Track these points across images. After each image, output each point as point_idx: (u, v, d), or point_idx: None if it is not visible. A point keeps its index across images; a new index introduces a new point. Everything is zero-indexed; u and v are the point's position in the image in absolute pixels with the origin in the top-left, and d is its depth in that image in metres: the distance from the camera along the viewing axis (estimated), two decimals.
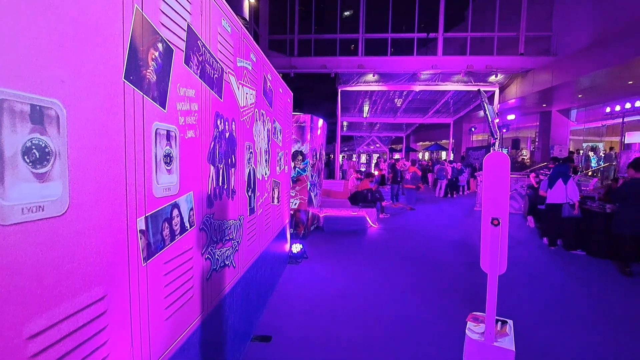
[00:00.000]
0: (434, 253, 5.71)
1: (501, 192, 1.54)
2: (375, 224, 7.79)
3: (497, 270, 1.61)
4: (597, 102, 12.99)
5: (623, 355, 2.81)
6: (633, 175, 4.56)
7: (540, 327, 3.26)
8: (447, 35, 13.13)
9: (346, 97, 15.90)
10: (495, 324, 1.73)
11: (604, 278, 4.56)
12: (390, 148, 28.15)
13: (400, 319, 3.37)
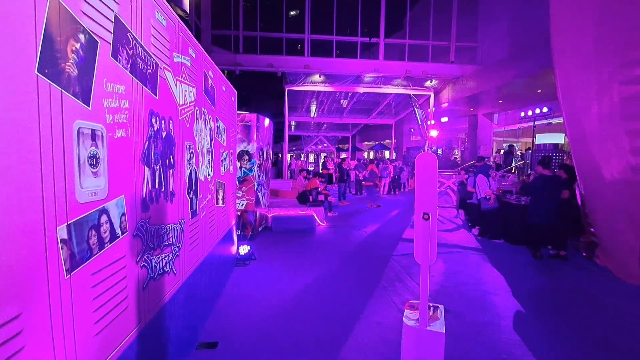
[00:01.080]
0: (380, 247, 5.99)
1: (430, 189, 1.68)
2: (323, 222, 7.93)
3: (428, 261, 1.76)
4: (514, 107, 14.74)
5: (534, 327, 3.23)
6: (541, 172, 5.27)
7: (468, 307, 3.62)
8: (388, 41, 13.85)
9: (293, 96, 15.93)
10: (428, 310, 1.89)
11: (519, 262, 5.20)
12: (337, 147, 28.81)
13: (350, 313, 3.48)
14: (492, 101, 14.02)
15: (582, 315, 3.51)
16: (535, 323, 3.33)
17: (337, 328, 3.16)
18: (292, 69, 13.75)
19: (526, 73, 10.06)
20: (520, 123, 14.85)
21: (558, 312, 3.60)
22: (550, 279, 4.55)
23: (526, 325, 3.30)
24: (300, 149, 29.80)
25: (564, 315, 3.52)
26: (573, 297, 3.99)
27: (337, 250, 5.86)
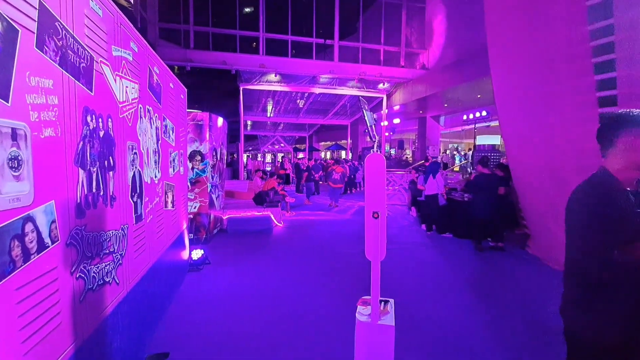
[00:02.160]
0: (337, 246, 6.09)
1: (379, 188, 1.75)
2: (280, 223, 7.87)
3: (378, 257, 1.83)
4: (458, 111, 15.86)
5: (476, 312, 3.51)
6: (481, 171, 5.73)
7: (417, 298, 3.82)
8: (342, 43, 14.13)
9: (249, 95, 15.62)
10: (379, 304, 1.96)
11: (463, 254, 5.61)
12: (295, 147, 28.78)
13: (308, 313, 3.50)
14: (439, 104, 14.96)
15: (516, 299, 3.88)
16: (476, 309, 3.62)
17: (298, 331, 3.16)
18: (246, 67, 13.47)
19: (467, 79, 10.88)
20: (463, 125, 16.04)
21: (496, 297, 3.94)
22: (489, 268, 4.96)
23: (467, 311, 3.56)
24: (257, 149, 29.29)
25: (501, 299, 3.86)
26: (508, 283, 4.40)
27: (294, 250, 5.86)
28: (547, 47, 4.48)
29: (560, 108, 4.40)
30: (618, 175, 1.35)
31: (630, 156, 1.32)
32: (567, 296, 1.46)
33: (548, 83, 4.53)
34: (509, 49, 5.21)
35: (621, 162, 1.34)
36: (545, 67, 4.55)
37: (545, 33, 4.46)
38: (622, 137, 1.32)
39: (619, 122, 1.34)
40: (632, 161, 1.32)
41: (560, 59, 4.33)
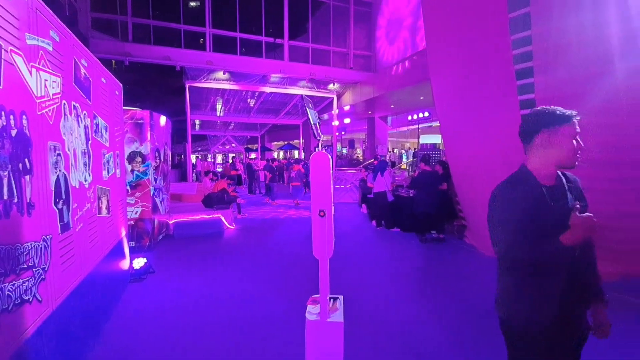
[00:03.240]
0: (292, 247, 6.06)
1: (325, 187, 1.78)
2: (232, 225, 7.64)
3: (326, 256, 1.85)
4: (403, 112, 16.72)
5: (419, 301, 3.72)
6: (423, 168, 6.10)
7: (366, 292, 3.95)
8: (292, 43, 14.11)
9: (196, 93, 14.92)
10: (328, 302, 1.99)
11: (409, 247, 5.92)
12: (246, 148, 28.14)
13: (261, 318, 3.42)
14: (386, 105, 15.62)
15: (455, 286, 4.19)
16: (419, 297, 3.84)
17: (250, 337, 3.08)
18: (193, 63, 12.85)
19: (410, 83, 11.51)
20: (408, 125, 16.95)
21: (437, 285, 4.22)
22: (432, 258, 5.30)
23: (411, 300, 3.77)
24: (207, 150, 28.14)
25: (442, 287, 4.15)
26: (448, 271, 4.73)
27: (247, 253, 5.72)
28: (479, 54, 4.90)
29: (490, 109, 4.83)
30: (537, 172, 1.40)
31: (546, 153, 1.38)
32: (500, 288, 1.51)
33: (480, 87, 4.96)
34: (446, 55, 5.60)
35: (539, 159, 1.40)
36: (478, 73, 4.97)
37: (478, 41, 4.88)
38: (538, 134, 1.39)
39: (535, 120, 1.41)
40: (549, 157, 1.38)
41: (490, 65, 4.76)
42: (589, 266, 1.43)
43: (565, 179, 1.45)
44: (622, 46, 3.54)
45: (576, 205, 1.31)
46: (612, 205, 3.81)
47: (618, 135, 3.68)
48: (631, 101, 3.55)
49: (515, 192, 1.37)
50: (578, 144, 1.36)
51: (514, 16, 4.34)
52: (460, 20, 5.09)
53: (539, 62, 4.19)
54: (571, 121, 1.36)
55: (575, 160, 1.37)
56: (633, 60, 3.50)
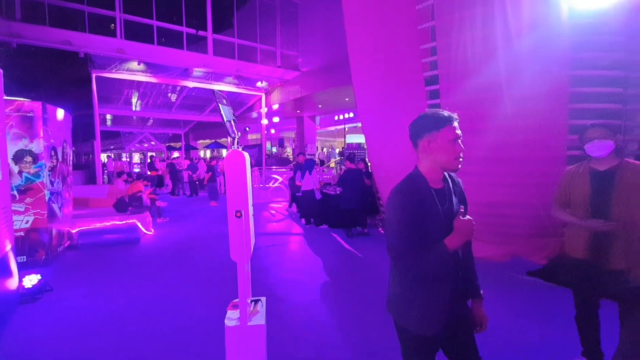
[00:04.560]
0: (220, 250, 5.79)
1: (241, 186, 1.75)
2: (151, 231, 7.03)
3: (244, 258, 1.82)
4: (331, 112, 17.28)
5: (344, 294, 3.91)
6: (348, 166, 6.41)
7: (292, 291, 4.01)
8: (217, 36, 13.48)
9: (106, 85, 13.32)
10: (249, 305, 1.96)
11: (336, 242, 6.17)
12: (169, 146, 26.08)
13: (180, 329, 3.21)
14: (314, 105, 15.95)
15: (377, 277, 4.49)
16: (344, 292, 4.04)
17: (167, 353, 2.87)
18: (100, 51, 11.42)
19: (336, 84, 11.95)
20: (335, 125, 17.58)
21: (360, 276, 4.48)
22: (357, 251, 5.59)
23: (336, 296, 3.94)
24: (121, 148, 25.31)
25: (364, 278, 4.41)
26: (371, 263, 5.06)
27: (166, 260, 5.32)
28: (395, 60, 5.30)
29: (405, 112, 5.28)
30: (427, 174, 1.42)
31: (431, 156, 1.41)
32: (392, 292, 1.52)
33: (396, 91, 5.38)
34: (365, 60, 5.94)
35: (426, 162, 1.43)
36: (394, 77, 5.39)
37: (394, 48, 5.27)
38: (422, 139, 1.42)
39: (419, 125, 1.44)
40: (433, 161, 1.41)
41: (404, 71, 5.20)
42: (469, 265, 1.55)
43: (451, 182, 1.51)
44: (504, 55, 4.17)
45: (460, 209, 1.40)
46: (503, 196, 4.48)
47: (504, 136, 4.33)
48: (515, 107, 4.22)
49: (407, 196, 1.37)
50: (459, 146, 1.40)
51: (422, 28, 4.81)
52: (378, 28, 5.45)
53: (443, 70, 4.71)
54: (450, 125, 1.38)
55: (457, 163, 1.40)
56: (515, 87, 4.13)
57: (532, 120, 4.09)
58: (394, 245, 1.40)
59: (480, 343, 1.54)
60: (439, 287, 1.40)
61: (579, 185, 2.26)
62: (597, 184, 2.17)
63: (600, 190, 2.15)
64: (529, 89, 4.06)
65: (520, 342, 2.84)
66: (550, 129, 3.98)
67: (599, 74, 4.09)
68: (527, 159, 4.22)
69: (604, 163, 2.17)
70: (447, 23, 4.55)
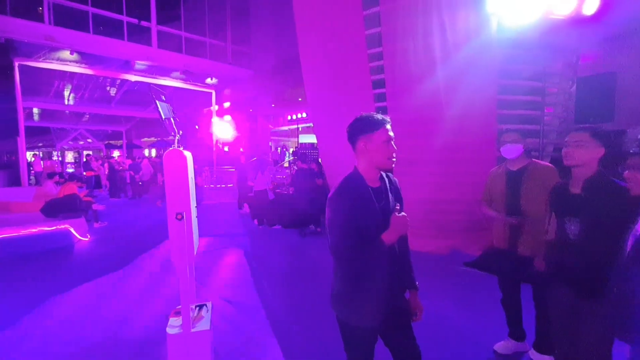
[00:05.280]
0: (159, 256, 5.49)
1: (182, 187, 1.69)
2: (86, 237, 6.44)
3: (186, 262, 1.76)
4: (284, 111, 17.18)
5: (297, 291, 3.93)
6: (300, 166, 6.45)
7: (246, 291, 3.95)
8: (162, 28, 12.71)
9: (32, 75, 11.88)
10: (193, 311, 1.90)
11: (290, 242, 6.18)
12: (108, 144, 24.04)
13: (119, 341, 3.00)
14: (267, 104, 15.75)
15: None
16: (299, 291, 4.07)
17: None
18: (25, 37, 10.16)
19: (289, 84, 11.93)
20: (289, 125, 17.52)
21: (313, 275, 4.54)
22: (311, 251, 5.65)
23: (287, 296, 3.96)
24: (52, 146, 22.78)
25: (323, 278, 4.48)
26: (326, 264, 5.13)
27: (105, 268, 4.92)
28: (344, 63, 5.45)
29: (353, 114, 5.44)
30: (364, 174, 1.50)
31: (367, 157, 1.48)
32: (334, 288, 1.58)
33: (345, 93, 5.53)
34: (317, 61, 6.03)
35: (363, 163, 1.51)
36: (343, 80, 5.53)
37: (343, 52, 5.41)
38: (358, 141, 1.49)
39: (354, 127, 1.51)
40: (369, 161, 1.49)
41: (353, 73, 5.36)
42: (405, 258, 1.67)
43: (388, 181, 1.59)
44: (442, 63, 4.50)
45: (396, 206, 1.50)
46: (443, 194, 4.83)
47: (443, 139, 4.67)
48: (451, 111, 4.57)
49: (346, 195, 1.44)
50: (392, 147, 1.48)
51: (369, 34, 5.01)
52: (327, 31, 5.55)
53: (389, 75, 4.95)
54: (384, 127, 1.48)
55: (391, 163, 1.49)
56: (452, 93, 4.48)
57: (466, 124, 4.47)
58: (335, 243, 1.44)
59: (423, 330, 1.66)
60: (377, 281, 1.48)
61: (497, 184, 2.56)
62: (510, 182, 2.47)
63: (512, 188, 2.45)
64: (464, 96, 4.43)
65: (458, 327, 3.09)
66: (482, 132, 4.38)
67: (523, 84, 4.60)
68: (462, 159, 4.60)
69: (516, 163, 2.48)
70: (392, 30, 4.79)
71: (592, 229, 1.75)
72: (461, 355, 2.71)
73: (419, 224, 5.09)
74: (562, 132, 4.78)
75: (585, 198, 1.80)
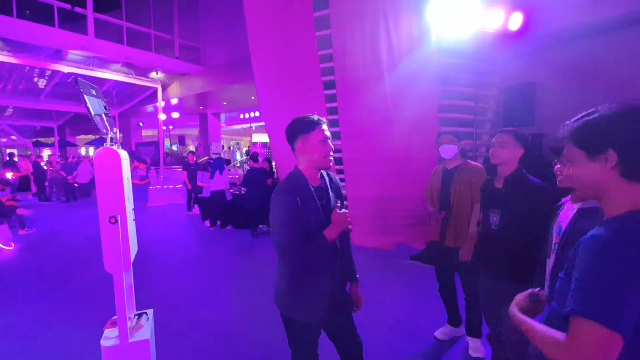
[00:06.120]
0: (97, 263, 5.06)
1: (116, 189, 1.59)
2: (10, 246, 5.74)
3: (122, 269, 1.67)
4: (236, 110, 16.77)
5: (249, 292, 3.87)
6: (252, 166, 6.35)
7: (193, 296, 3.82)
8: (99, 16, 11.70)
9: None
10: (131, 320, 1.81)
11: (242, 243, 6.06)
12: (36, 142, 21.54)
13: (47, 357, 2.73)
14: (218, 102, 15.22)
15: None
16: (251, 292, 4.01)
17: None
18: None
19: (240, 81, 11.64)
20: (241, 123, 17.14)
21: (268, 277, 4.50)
22: (263, 251, 5.59)
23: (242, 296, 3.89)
24: None
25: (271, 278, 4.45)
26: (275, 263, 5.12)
27: (32, 279, 4.44)
28: (295, 63, 5.46)
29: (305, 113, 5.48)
30: (305, 173, 1.55)
31: (305, 157, 1.54)
32: (278, 284, 1.63)
33: (296, 92, 5.55)
34: (267, 60, 5.97)
35: (303, 162, 1.56)
36: (294, 80, 5.54)
37: (294, 51, 5.42)
38: (296, 141, 1.54)
39: (291, 129, 1.56)
40: (308, 160, 1.54)
41: (304, 74, 5.39)
42: (346, 253, 1.72)
43: (329, 179, 1.66)
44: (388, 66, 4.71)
45: (337, 204, 1.58)
46: (390, 192, 5.07)
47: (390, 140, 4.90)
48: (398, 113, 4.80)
49: (288, 194, 1.48)
50: (328, 146, 1.54)
51: (320, 35, 5.08)
52: (278, 31, 5.52)
53: (339, 76, 5.07)
54: (320, 127, 1.53)
55: (328, 162, 1.55)
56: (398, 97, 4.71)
57: (412, 126, 4.74)
58: (278, 240, 1.48)
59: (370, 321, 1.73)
60: (319, 275, 1.53)
61: (435, 182, 2.79)
62: (444, 180, 2.71)
63: (445, 185, 2.68)
64: (409, 100, 4.69)
65: (403, 317, 3.27)
66: (424, 134, 4.65)
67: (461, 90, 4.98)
68: (407, 159, 4.87)
69: (452, 163, 2.72)
70: (341, 33, 4.90)
71: (509, 220, 1.98)
72: (405, 342, 2.88)
73: (368, 221, 5.30)
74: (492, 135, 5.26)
75: (505, 192, 2.03)
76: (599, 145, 0.83)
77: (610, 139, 0.82)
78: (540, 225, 1.52)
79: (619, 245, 0.75)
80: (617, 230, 0.78)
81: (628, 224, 0.79)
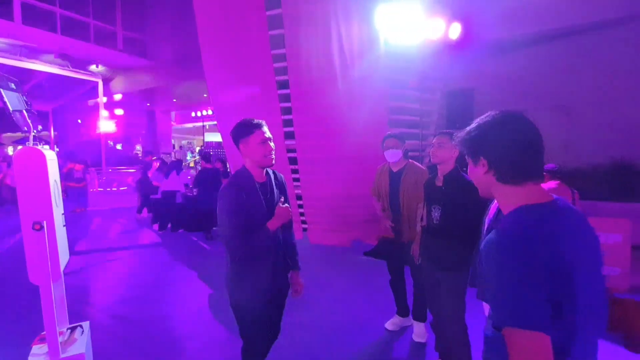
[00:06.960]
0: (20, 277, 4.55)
1: (41, 192, 1.46)
2: None
3: (49, 279, 1.53)
4: (188, 107, 16.00)
5: (203, 297, 3.74)
6: (204, 166, 6.13)
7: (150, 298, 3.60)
8: (28, 0, 10.51)
9: None
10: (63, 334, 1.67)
11: (195, 246, 5.84)
12: None
13: None
14: (168, 99, 14.42)
15: None
16: (205, 296, 3.88)
17: None
18: None
19: (191, 78, 11.12)
20: (193, 122, 16.39)
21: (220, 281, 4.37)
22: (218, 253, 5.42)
23: (198, 301, 3.76)
24: None
25: None
26: None
27: None
28: (248, 62, 5.35)
29: (258, 113, 5.40)
30: (251, 171, 1.67)
31: (248, 157, 1.66)
32: (227, 274, 1.73)
33: (249, 92, 5.45)
34: (219, 59, 5.79)
35: (248, 162, 1.69)
36: (247, 79, 5.44)
37: (246, 50, 5.31)
38: (240, 143, 1.66)
39: (235, 132, 1.67)
40: (251, 160, 1.66)
41: (257, 73, 5.31)
42: (289, 243, 1.85)
43: (274, 177, 1.79)
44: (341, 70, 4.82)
45: (281, 199, 1.72)
46: (344, 190, 5.18)
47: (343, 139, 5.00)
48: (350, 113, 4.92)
49: (234, 189, 1.60)
50: (268, 147, 1.65)
51: (273, 34, 5.03)
52: (229, 28, 5.37)
53: (293, 77, 5.07)
54: (259, 129, 1.64)
55: (269, 161, 1.67)
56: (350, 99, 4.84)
57: (362, 126, 4.89)
58: (224, 231, 1.59)
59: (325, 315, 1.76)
60: (262, 264, 1.66)
61: (382, 182, 2.93)
62: (392, 182, 2.86)
63: (394, 186, 2.84)
64: (360, 102, 4.84)
65: (355, 310, 3.39)
66: (375, 133, 4.82)
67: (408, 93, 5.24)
68: (359, 158, 5.01)
69: (397, 165, 2.87)
70: (294, 34, 4.91)
71: (448, 214, 2.16)
72: (357, 334, 2.98)
73: (323, 219, 5.38)
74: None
75: (444, 189, 2.20)
76: (474, 154, 0.93)
77: (481, 147, 0.91)
78: (476, 218, 1.67)
79: (507, 244, 0.78)
80: (504, 229, 0.82)
81: (511, 221, 0.84)
